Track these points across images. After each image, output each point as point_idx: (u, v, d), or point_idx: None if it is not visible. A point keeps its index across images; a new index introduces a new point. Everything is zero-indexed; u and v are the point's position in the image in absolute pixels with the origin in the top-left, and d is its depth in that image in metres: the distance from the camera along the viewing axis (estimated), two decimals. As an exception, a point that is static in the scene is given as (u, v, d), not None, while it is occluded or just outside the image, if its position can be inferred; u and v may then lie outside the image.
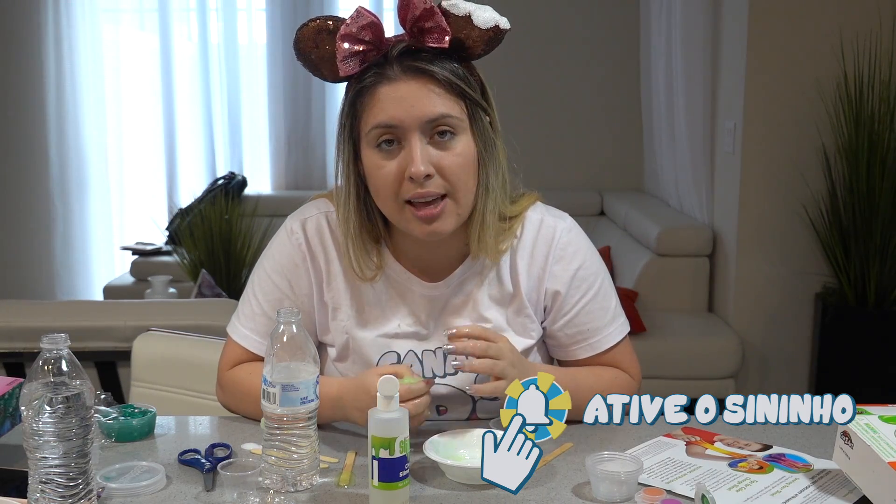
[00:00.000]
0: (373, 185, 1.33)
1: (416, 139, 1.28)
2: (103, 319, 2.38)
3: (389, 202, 1.32)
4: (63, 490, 1.03)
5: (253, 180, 5.27)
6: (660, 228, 3.84)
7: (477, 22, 1.29)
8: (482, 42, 1.30)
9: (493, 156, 1.34)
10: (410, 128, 1.28)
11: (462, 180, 1.31)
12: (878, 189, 3.16)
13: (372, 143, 1.30)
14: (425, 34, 1.28)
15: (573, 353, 1.46)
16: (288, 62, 5.19)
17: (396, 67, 1.28)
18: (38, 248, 5.31)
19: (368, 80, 1.29)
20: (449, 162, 1.29)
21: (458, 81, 1.30)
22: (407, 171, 1.28)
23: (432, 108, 1.28)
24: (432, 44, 1.28)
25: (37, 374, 1.03)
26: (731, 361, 3.48)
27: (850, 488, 1.16)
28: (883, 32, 3.27)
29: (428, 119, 1.28)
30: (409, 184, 1.28)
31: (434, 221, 1.30)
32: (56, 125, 5.21)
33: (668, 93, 4.26)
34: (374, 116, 1.29)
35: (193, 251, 3.94)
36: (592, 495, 1.15)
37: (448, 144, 1.30)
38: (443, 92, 1.29)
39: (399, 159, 1.29)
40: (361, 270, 1.37)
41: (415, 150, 1.27)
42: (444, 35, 1.28)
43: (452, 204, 1.31)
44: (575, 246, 1.44)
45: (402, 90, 1.28)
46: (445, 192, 1.30)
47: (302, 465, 1.17)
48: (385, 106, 1.28)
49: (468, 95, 1.31)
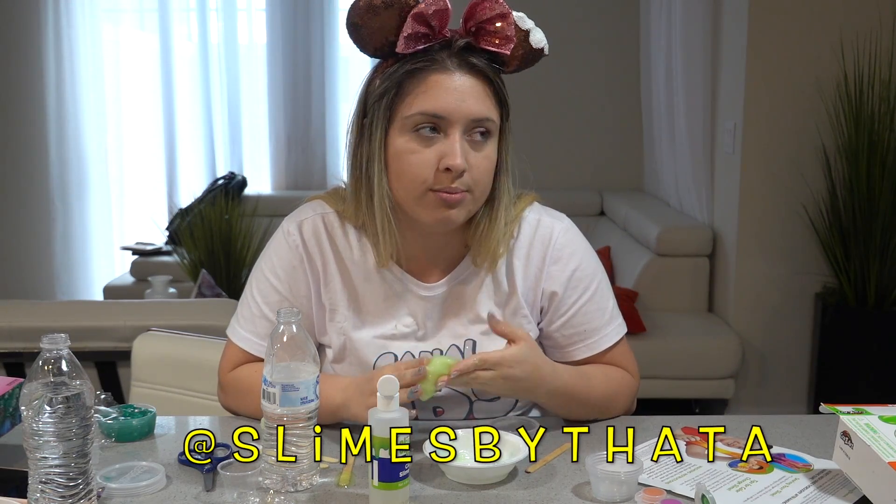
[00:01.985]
0: (398, 168, 1.32)
1: (458, 133, 1.29)
2: (103, 319, 2.38)
3: (413, 187, 1.31)
4: (63, 490, 1.03)
5: (253, 180, 5.28)
6: (660, 228, 3.84)
7: (532, 40, 1.33)
8: (520, 59, 1.35)
9: (506, 167, 1.37)
10: (457, 122, 1.29)
11: (484, 181, 1.33)
12: (878, 189, 3.17)
13: (409, 127, 1.30)
14: (490, 36, 1.30)
15: (570, 354, 1.45)
16: (288, 62, 5.19)
17: (455, 60, 1.30)
18: (38, 248, 5.31)
19: (421, 64, 1.30)
20: (478, 162, 1.31)
21: (503, 88, 1.33)
22: (444, 162, 1.28)
23: (480, 109, 1.30)
24: (494, 48, 1.30)
25: (37, 374, 1.03)
26: (731, 361, 3.48)
27: (850, 488, 1.16)
28: (883, 32, 3.27)
29: (475, 117, 1.29)
30: (442, 175, 1.29)
31: (452, 209, 1.31)
32: (56, 125, 5.22)
33: (668, 93, 4.26)
34: (422, 102, 1.29)
35: (193, 251, 3.94)
36: (592, 495, 1.15)
37: (481, 146, 1.32)
38: (490, 95, 1.31)
39: (436, 149, 1.29)
40: (386, 251, 1.36)
41: (456, 144, 1.29)
42: (509, 43, 1.30)
43: (471, 199, 1.32)
44: (572, 247, 1.44)
45: (457, 83, 1.29)
46: (468, 188, 1.31)
47: (302, 465, 1.17)
48: (437, 94, 1.29)
49: (505, 104, 1.34)
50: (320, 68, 5.21)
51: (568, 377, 1.38)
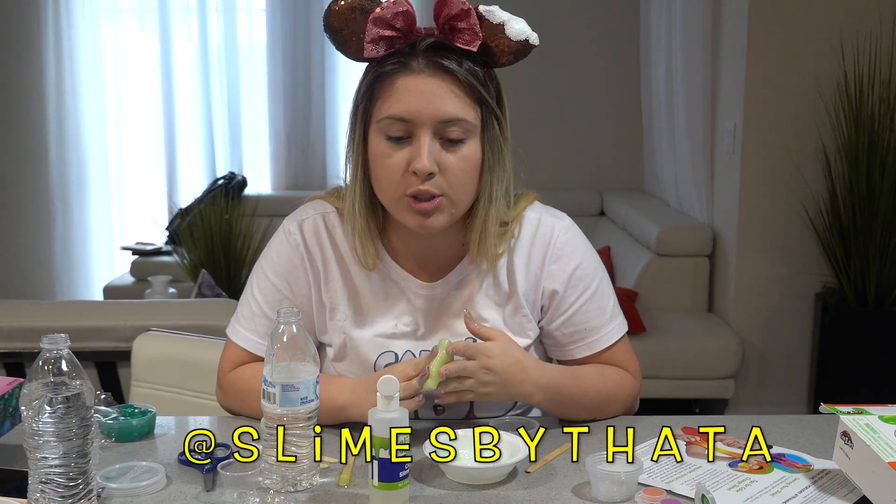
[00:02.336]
0: (376, 173, 1.33)
1: (426, 136, 1.28)
2: (103, 319, 2.38)
3: (389, 191, 1.32)
4: (63, 490, 1.03)
5: (253, 180, 5.27)
6: (660, 228, 3.84)
7: (509, 32, 1.30)
8: (509, 53, 1.31)
9: (500, 164, 1.34)
10: (423, 124, 1.28)
11: (461, 182, 1.31)
12: (878, 189, 3.17)
13: (382, 131, 1.31)
14: (456, 33, 1.29)
15: (571, 353, 1.45)
16: (288, 62, 5.19)
17: (421, 60, 1.29)
18: (38, 248, 5.31)
19: (389, 67, 1.30)
20: (452, 163, 1.30)
21: (479, 86, 1.30)
22: (412, 164, 1.28)
23: (448, 109, 1.28)
24: (462, 45, 1.28)
25: (37, 374, 1.03)
26: (731, 361, 3.48)
27: (850, 488, 1.16)
28: (883, 32, 3.27)
29: (442, 119, 1.28)
30: (412, 178, 1.29)
31: (428, 217, 1.31)
32: (56, 125, 5.21)
33: (668, 93, 4.26)
34: (389, 106, 1.29)
35: (193, 251, 3.94)
36: (592, 495, 1.15)
37: (456, 146, 1.30)
38: (462, 94, 1.29)
39: (406, 152, 1.29)
40: (364, 253, 1.37)
41: (423, 146, 1.28)
42: (475, 39, 1.28)
43: (447, 203, 1.31)
44: (573, 245, 1.44)
45: (422, 85, 1.28)
46: (443, 192, 1.30)
47: (302, 465, 1.17)
48: (402, 97, 1.28)
49: (485, 101, 1.31)
50: (320, 68, 5.20)
51: (557, 374, 1.38)
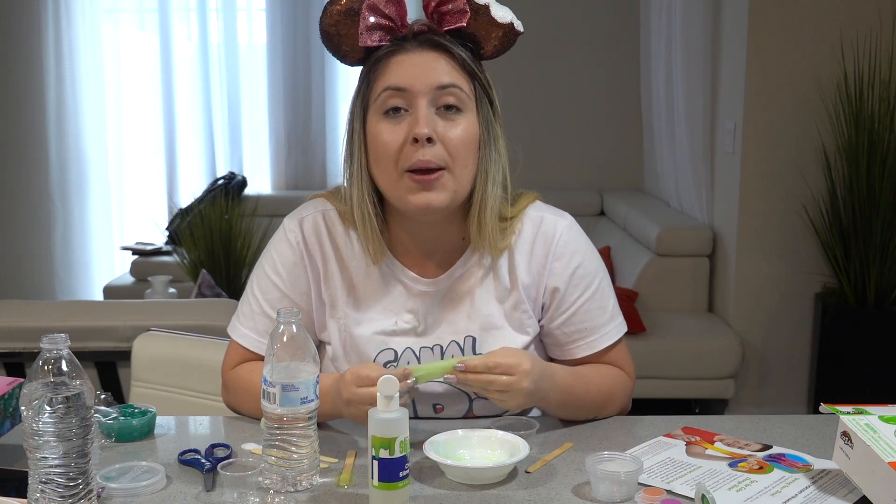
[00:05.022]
0: (375, 153, 1.34)
1: (423, 104, 1.31)
2: (103, 319, 2.38)
3: (389, 170, 1.33)
4: (63, 490, 1.03)
5: (253, 180, 5.28)
6: (660, 228, 3.84)
7: (494, 15, 1.34)
8: (495, 39, 1.35)
9: (495, 144, 1.37)
10: (420, 93, 1.31)
11: (462, 154, 1.33)
12: (878, 189, 3.17)
13: (380, 109, 1.33)
14: (445, 17, 1.33)
15: (571, 352, 1.46)
16: (288, 62, 5.19)
17: (413, 42, 1.34)
18: (38, 248, 5.31)
19: (384, 52, 1.34)
20: (452, 134, 1.32)
21: (470, 62, 1.35)
22: (411, 132, 1.30)
23: (443, 76, 1.32)
24: (451, 24, 1.33)
25: (37, 374, 1.03)
26: (731, 361, 3.48)
27: (850, 488, 1.16)
28: (883, 32, 3.27)
29: (437, 85, 1.31)
30: (411, 149, 1.30)
31: (430, 191, 1.31)
32: (56, 125, 5.22)
33: (668, 93, 4.26)
34: (385, 80, 1.33)
35: (193, 251, 3.94)
36: (592, 495, 1.15)
37: (453, 118, 1.33)
38: (456, 66, 1.33)
39: (405, 125, 1.32)
40: (370, 243, 1.38)
41: (421, 112, 1.30)
42: (464, 16, 1.33)
43: (450, 177, 1.32)
44: (575, 244, 1.44)
45: (416, 58, 1.33)
46: (444, 164, 1.32)
47: (302, 465, 1.17)
48: (397, 70, 1.32)
49: (478, 76, 1.35)
50: (320, 68, 5.21)
51: (566, 375, 1.38)
